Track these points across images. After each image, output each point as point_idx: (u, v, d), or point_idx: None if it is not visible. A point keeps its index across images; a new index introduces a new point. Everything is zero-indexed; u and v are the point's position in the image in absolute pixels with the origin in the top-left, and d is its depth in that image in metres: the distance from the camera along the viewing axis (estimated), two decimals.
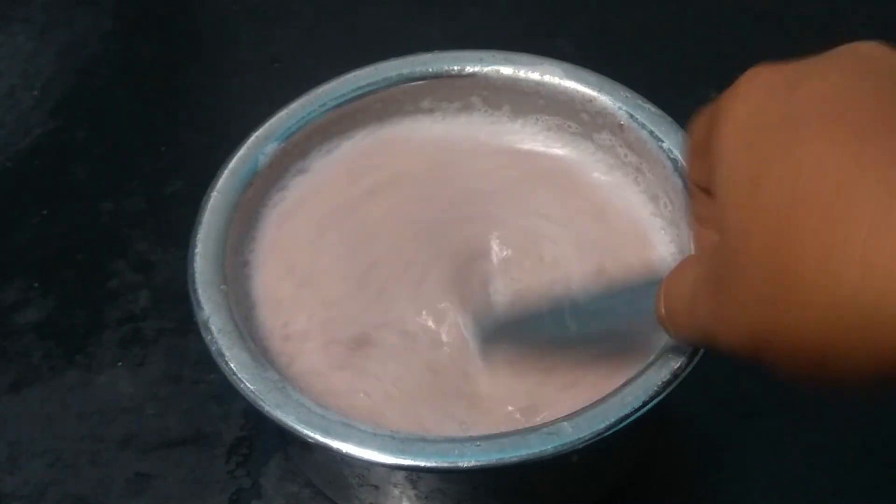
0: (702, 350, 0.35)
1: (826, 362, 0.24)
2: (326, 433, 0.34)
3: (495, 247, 0.41)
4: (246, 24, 0.65)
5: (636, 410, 0.34)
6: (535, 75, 0.44)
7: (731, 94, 0.27)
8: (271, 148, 0.42)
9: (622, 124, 0.42)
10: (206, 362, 0.36)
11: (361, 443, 0.33)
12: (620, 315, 0.36)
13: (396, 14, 0.64)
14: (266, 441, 0.45)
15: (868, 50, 0.26)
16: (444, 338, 0.38)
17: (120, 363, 0.48)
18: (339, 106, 0.44)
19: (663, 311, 0.31)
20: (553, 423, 0.33)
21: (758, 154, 0.25)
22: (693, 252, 0.37)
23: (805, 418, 0.45)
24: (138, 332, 0.50)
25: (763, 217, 0.24)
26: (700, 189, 0.31)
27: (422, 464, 0.33)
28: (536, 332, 0.38)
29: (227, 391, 0.35)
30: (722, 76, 0.29)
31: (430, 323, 0.39)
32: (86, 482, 0.45)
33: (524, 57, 0.44)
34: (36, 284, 0.52)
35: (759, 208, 0.24)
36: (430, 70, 0.44)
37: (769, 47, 0.59)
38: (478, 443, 0.33)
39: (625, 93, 0.42)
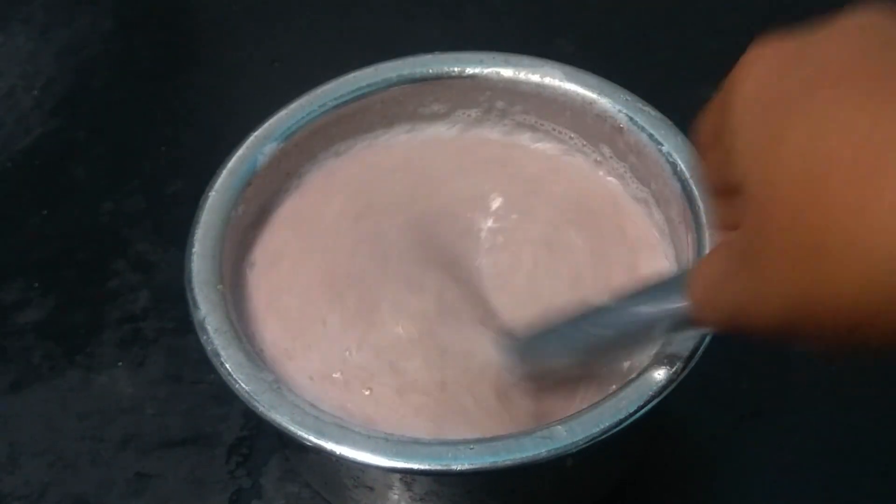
0: (698, 353, 0.34)
1: (864, 328, 0.22)
2: (321, 435, 0.33)
3: (489, 254, 0.42)
4: (246, 24, 0.65)
5: (631, 415, 0.33)
6: (535, 77, 0.44)
7: (738, 71, 0.27)
8: (270, 148, 0.42)
9: (622, 127, 0.42)
10: (207, 362, 0.36)
11: (355, 445, 0.33)
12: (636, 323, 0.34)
13: (396, 14, 0.64)
14: (266, 441, 0.45)
15: (869, 18, 0.26)
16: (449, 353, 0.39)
17: (120, 363, 0.48)
18: (338, 106, 0.44)
19: (692, 300, 0.29)
20: (547, 426, 0.33)
21: (775, 120, 0.24)
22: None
23: (805, 419, 0.45)
24: (138, 332, 0.50)
25: (787, 180, 0.23)
26: (720, 190, 0.30)
27: (415, 466, 0.33)
28: (562, 346, 0.37)
29: (227, 391, 0.35)
30: (722, 77, 0.29)
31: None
32: (86, 482, 0.45)
33: (525, 59, 0.44)
34: (36, 284, 0.52)
35: (781, 172, 0.23)
36: (431, 71, 0.44)
37: None
38: (471, 446, 0.33)
39: (625, 96, 0.42)
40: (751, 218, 0.25)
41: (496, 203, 0.43)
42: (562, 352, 0.37)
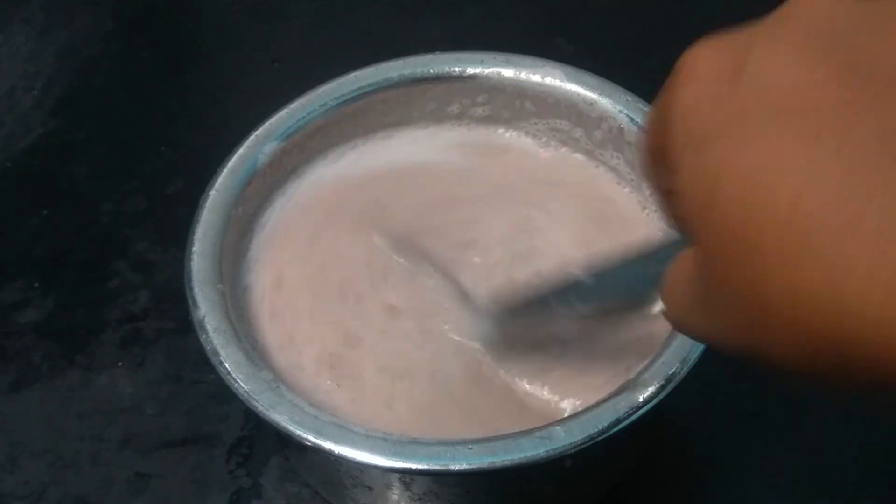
0: (697, 355, 0.34)
1: (818, 375, 0.21)
2: (319, 434, 0.34)
3: (485, 251, 0.41)
4: (246, 24, 0.65)
5: (629, 415, 0.34)
6: (536, 77, 0.44)
7: (672, 86, 0.24)
8: (270, 147, 0.42)
9: (622, 128, 0.42)
10: (207, 362, 0.36)
11: (354, 444, 0.33)
12: (625, 289, 0.34)
13: (396, 14, 0.64)
14: (266, 441, 0.45)
15: (819, 8, 0.22)
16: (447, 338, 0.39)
17: (120, 363, 0.48)
18: (339, 106, 0.44)
19: (667, 310, 0.28)
20: (546, 427, 0.33)
21: (710, 158, 0.22)
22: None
23: (805, 418, 0.45)
24: (138, 332, 0.50)
25: (723, 235, 0.21)
26: (666, 192, 0.28)
27: (413, 466, 0.33)
28: (544, 321, 0.37)
29: (227, 391, 0.35)
30: None
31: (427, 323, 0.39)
32: (86, 482, 0.45)
33: (526, 59, 0.44)
34: (36, 284, 0.52)
35: (718, 224, 0.21)
36: (431, 71, 0.44)
37: None
38: (470, 446, 0.33)
39: (625, 96, 0.42)
40: (700, 256, 0.23)
41: (499, 204, 0.43)
42: (555, 308, 0.36)
